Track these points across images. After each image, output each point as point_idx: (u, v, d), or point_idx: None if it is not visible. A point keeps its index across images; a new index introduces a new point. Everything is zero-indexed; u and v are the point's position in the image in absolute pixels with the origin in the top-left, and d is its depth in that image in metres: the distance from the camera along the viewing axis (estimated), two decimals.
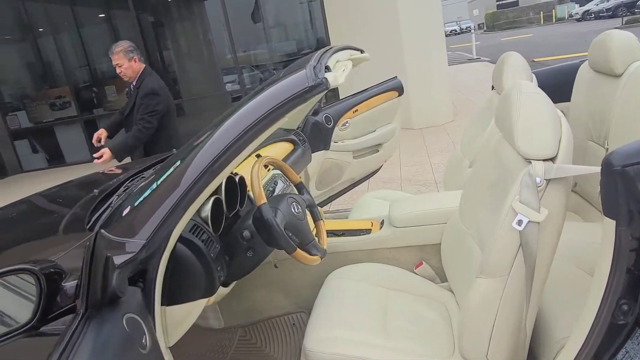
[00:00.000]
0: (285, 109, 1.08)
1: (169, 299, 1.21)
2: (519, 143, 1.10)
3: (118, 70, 3.06)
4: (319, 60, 1.14)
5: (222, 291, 1.49)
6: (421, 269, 1.72)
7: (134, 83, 3.13)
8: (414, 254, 1.78)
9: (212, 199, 1.39)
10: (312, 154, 2.78)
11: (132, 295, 0.95)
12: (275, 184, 1.69)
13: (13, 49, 9.36)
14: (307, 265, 1.40)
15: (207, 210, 1.37)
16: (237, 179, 1.52)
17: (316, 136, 2.77)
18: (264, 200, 1.35)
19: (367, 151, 3.09)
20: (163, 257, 1.11)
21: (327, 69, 1.14)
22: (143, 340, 0.88)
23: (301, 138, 2.62)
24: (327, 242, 1.57)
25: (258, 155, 2.17)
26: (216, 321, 1.95)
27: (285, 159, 2.42)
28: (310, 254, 1.44)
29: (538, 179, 1.05)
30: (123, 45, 3.03)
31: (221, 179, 1.13)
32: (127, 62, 3.03)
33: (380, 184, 4.33)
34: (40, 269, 0.79)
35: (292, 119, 2.68)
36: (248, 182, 1.85)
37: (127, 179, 1.65)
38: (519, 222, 1.06)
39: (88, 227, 1.29)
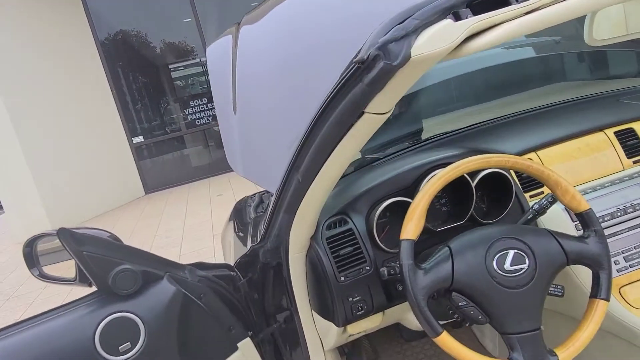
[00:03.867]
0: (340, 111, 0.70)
1: (314, 307, 1.08)
2: None
3: None
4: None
5: (393, 313, 1.09)
6: None
7: None
8: None
9: (385, 204, 1.01)
10: None
11: (147, 297, 0.90)
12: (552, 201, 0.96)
13: None
14: None
15: (373, 218, 1.01)
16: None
17: None
18: (411, 234, 0.84)
19: None
20: (291, 258, 1.01)
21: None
22: (120, 348, 0.84)
23: None
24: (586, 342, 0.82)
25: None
26: (490, 343, 1.53)
27: None
28: (512, 351, 0.80)
29: None
30: None
31: (327, 183, 0.86)
32: None
33: None
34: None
35: None
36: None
37: None
38: None
39: None
